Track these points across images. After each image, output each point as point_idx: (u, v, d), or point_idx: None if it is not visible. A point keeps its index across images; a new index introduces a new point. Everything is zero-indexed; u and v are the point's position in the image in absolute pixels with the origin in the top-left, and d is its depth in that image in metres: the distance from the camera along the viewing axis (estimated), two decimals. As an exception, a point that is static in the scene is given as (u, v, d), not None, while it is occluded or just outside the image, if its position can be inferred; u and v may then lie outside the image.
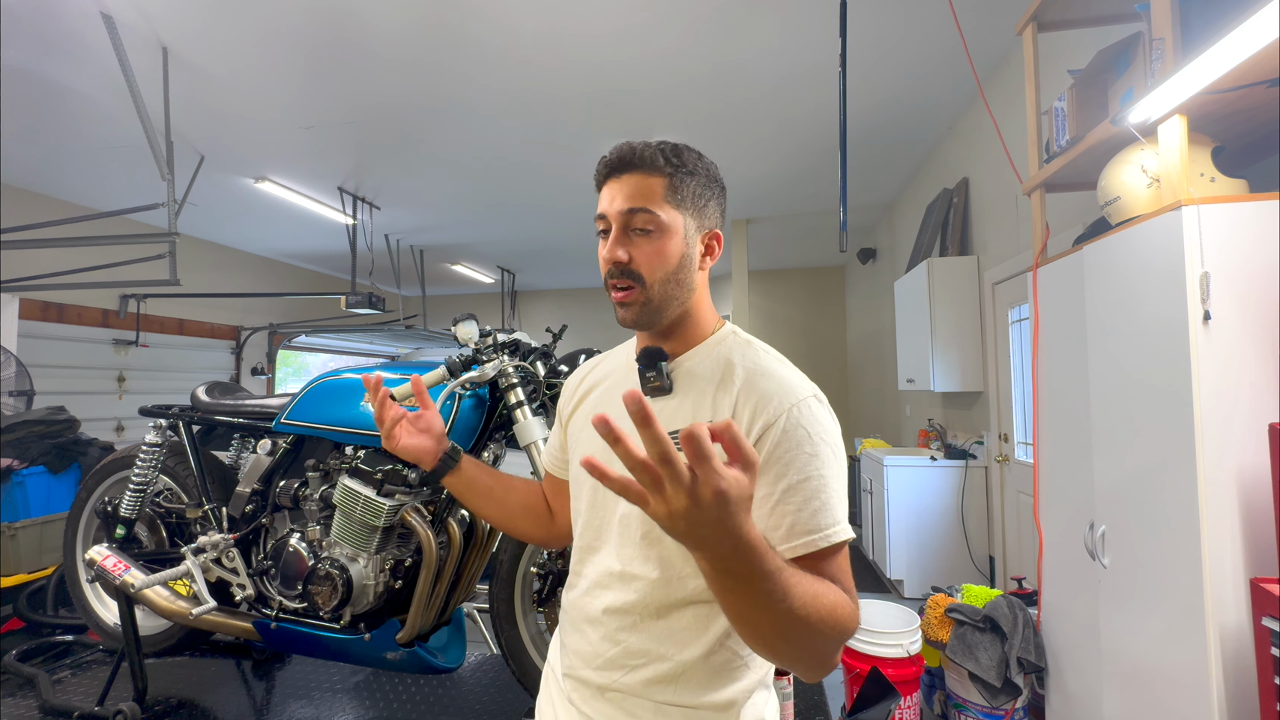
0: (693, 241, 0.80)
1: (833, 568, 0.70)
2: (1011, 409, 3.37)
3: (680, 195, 0.79)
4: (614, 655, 0.80)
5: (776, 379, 0.76)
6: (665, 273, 0.78)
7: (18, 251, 4.24)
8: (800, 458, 0.72)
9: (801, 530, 0.70)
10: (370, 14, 2.77)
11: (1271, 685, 1.27)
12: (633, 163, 0.79)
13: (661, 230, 0.78)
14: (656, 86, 3.47)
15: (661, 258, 0.78)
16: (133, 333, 5.54)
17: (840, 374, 8.20)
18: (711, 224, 0.83)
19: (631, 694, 0.79)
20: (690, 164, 0.80)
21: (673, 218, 0.78)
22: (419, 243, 6.71)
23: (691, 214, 0.80)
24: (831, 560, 0.71)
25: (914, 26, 2.94)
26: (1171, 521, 1.50)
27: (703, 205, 0.81)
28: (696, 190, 0.80)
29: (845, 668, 2.36)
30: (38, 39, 2.86)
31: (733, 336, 0.85)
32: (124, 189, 4.74)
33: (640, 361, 0.83)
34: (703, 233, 0.82)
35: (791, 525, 0.70)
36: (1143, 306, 1.60)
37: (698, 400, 0.78)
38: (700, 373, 0.81)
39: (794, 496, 0.71)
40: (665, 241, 0.78)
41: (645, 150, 0.79)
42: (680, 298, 0.80)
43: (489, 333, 1.69)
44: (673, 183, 0.78)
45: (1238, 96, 1.46)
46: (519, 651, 1.77)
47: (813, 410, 0.74)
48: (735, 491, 0.50)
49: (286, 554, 1.81)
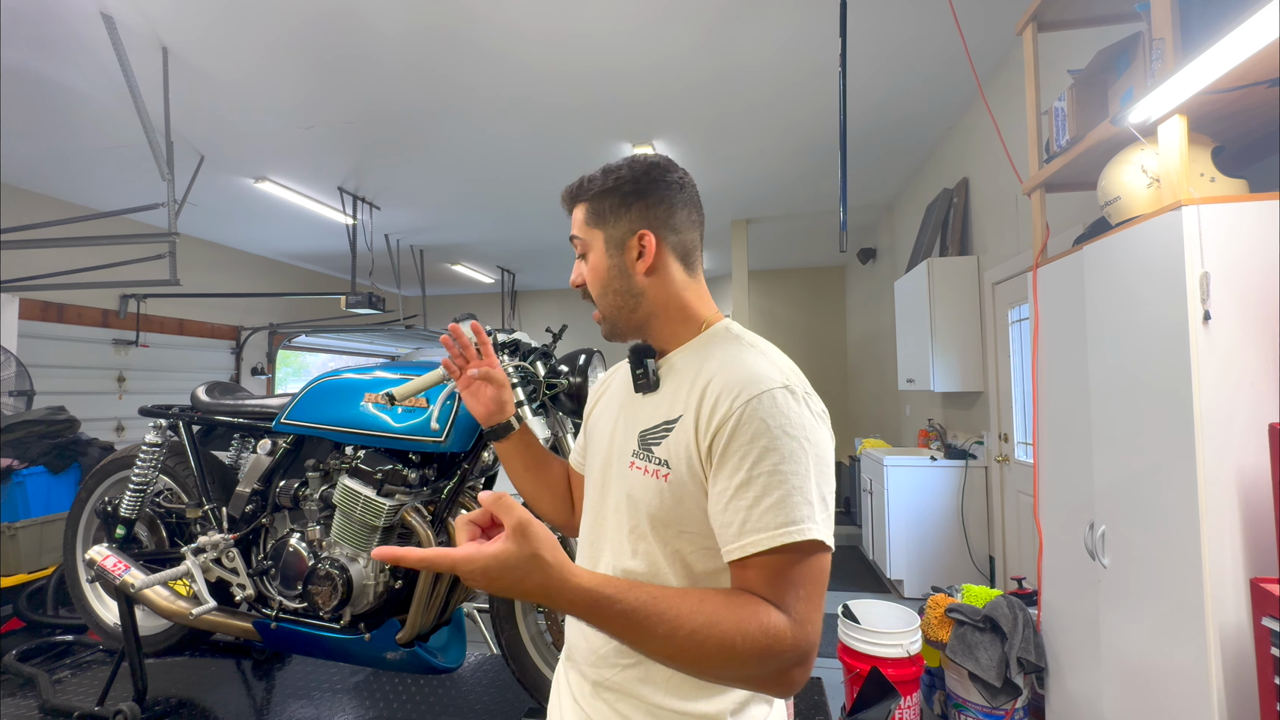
0: (614, 252, 0.84)
1: (787, 571, 0.66)
2: (1011, 409, 3.37)
3: (599, 214, 0.84)
4: (606, 652, 0.79)
5: (743, 371, 0.73)
6: (600, 287, 0.85)
7: (18, 251, 4.24)
8: (754, 451, 0.68)
9: (751, 528, 0.67)
10: (371, 15, 2.77)
11: (1271, 685, 1.27)
12: (567, 199, 0.88)
13: (588, 251, 0.86)
14: (656, 86, 3.47)
15: (594, 275, 0.86)
16: (133, 333, 5.54)
17: (840, 374, 8.20)
18: (635, 226, 0.83)
19: (624, 693, 0.78)
20: (604, 180, 0.84)
21: (592, 236, 0.85)
22: (419, 243, 6.71)
23: (610, 226, 0.84)
24: (786, 564, 0.66)
25: (914, 26, 2.94)
26: (1171, 521, 1.50)
27: (622, 213, 0.83)
28: (612, 204, 0.84)
29: (845, 668, 2.36)
30: (38, 39, 2.86)
31: (723, 332, 0.84)
32: (124, 189, 4.74)
33: (629, 359, 0.85)
34: (628, 238, 0.83)
35: (742, 523, 0.67)
36: (1143, 306, 1.60)
37: (672, 397, 0.79)
38: (681, 369, 0.81)
39: (746, 492, 0.68)
40: (592, 260, 0.85)
41: (575, 185, 0.87)
42: (627, 305, 0.84)
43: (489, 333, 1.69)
44: (591, 206, 0.85)
45: (1238, 96, 1.46)
46: (519, 651, 1.77)
47: (775, 401, 0.70)
48: (492, 565, 0.59)
49: (286, 554, 1.81)
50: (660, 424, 0.78)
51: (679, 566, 0.76)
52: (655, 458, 0.77)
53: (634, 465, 0.79)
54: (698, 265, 0.87)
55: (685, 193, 0.86)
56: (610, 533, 0.82)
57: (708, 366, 0.77)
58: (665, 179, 0.85)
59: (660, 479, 0.76)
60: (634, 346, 0.85)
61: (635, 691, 0.77)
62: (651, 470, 0.77)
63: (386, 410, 1.70)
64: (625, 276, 0.84)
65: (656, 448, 0.77)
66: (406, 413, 1.68)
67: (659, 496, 0.75)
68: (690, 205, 0.86)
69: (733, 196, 5.39)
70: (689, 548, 0.75)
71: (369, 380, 1.79)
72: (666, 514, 0.75)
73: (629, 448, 0.81)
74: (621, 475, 0.81)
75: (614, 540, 0.81)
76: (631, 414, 0.84)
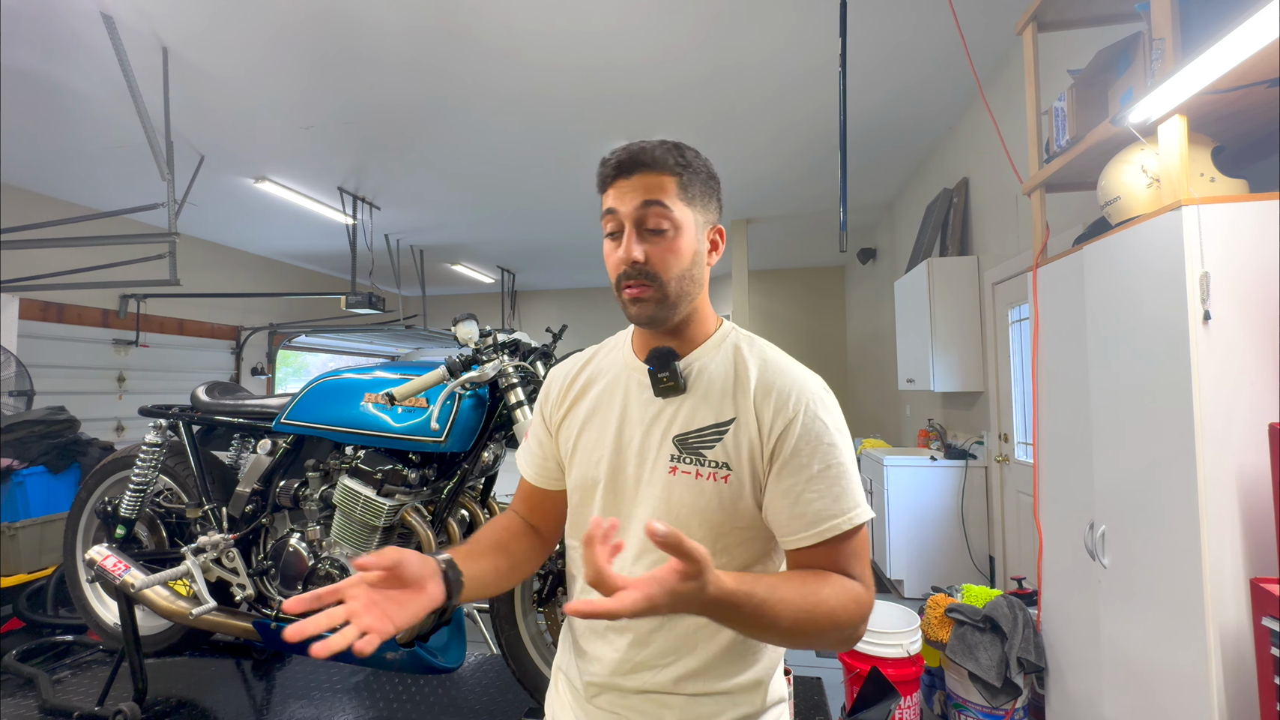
0: (701, 237, 0.82)
1: (851, 547, 0.76)
2: (1011, 409, 3.37)
3: (690, 193, 0.80)
4: (644, 658, 0.80)
5: (789, 376, 0.80)
6: (681, 270, 0.79)
7: (18, 251, 4.24)
8: (821, 449, 0.76)
9: (826, 516, 0.75)
10: (370, 14, 2.77)
11: (1271, 685, 1.27)
12: (643, 162, 0.79)
13: (676, 228, 0.78)
14: (656, 87, 3.47)
15: (676, 255, 0.78)
16: (133, 333, 5.54)
17: (840, 374, 8.20)
18: (714, 219, 0.85)
19: (662, 690, 0.80)
20: (693, 162, 0.81)
21: (684, 215, 0.79)
22: (419, 243, 6.71)
23: (699, 210, 0.82)
24: (850, 542, 0.76)
25: (914, 27, 2.94)
26: (1171, 521, 1.50)
27: (707, 201, 0.83)
28: (701, 187, 0.81)
29: (845, 668, 2.36)
30: (38, 39, 2.86)
31: (735, 334, 0.87)
32: (124, 189, 4.74)
33: (651, 363, 0.81)
34: (708, 228, 0.84)
35: (818, 513, 0.75)
36: (1143, 306, 1.60)
37: (718, 401, 0.80)
38: (712, 372, 0.82)
39: (817, 485, 0.75)
40: (679, 239, 0.78)
41: (656, 150, 0.79)
42: (692, 294, 0.82)
43: (489, 333, 1.69)
44: (682, 181, 0.79)
45: (1238, 96, 1.46)
46: (519, 651, 1.77)
47: (825, 404, 0.79)
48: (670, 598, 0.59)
49: (286, 554, 1.81)
50: (708, 427, 0.79)
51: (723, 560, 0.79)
52: (709, 460, 0.78)
53: (677, 470, 0.78)
54: None
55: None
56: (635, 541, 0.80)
57: (747, 369, 0.81)
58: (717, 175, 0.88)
59: (719, 481, 0.78)
60: (656, 350, 0.81)
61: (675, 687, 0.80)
62: (706, 473, 0.78)
63: (386, 410, 1.70)
64: (702, 265, 0.83)
65: (709, 451, 0.78)
66: (406, 413, 1.68)
67: (717, 498, 0.78)
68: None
69: (733, 196, 5.38)
70: (735, 541, 0.80)
71: (369, 380, 1.79)
72: (724, 513, 0.78)
73: (665, 452, 0.79)
74: (655, 480, 0.79)
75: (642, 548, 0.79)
76: (652, 418, 0.81)
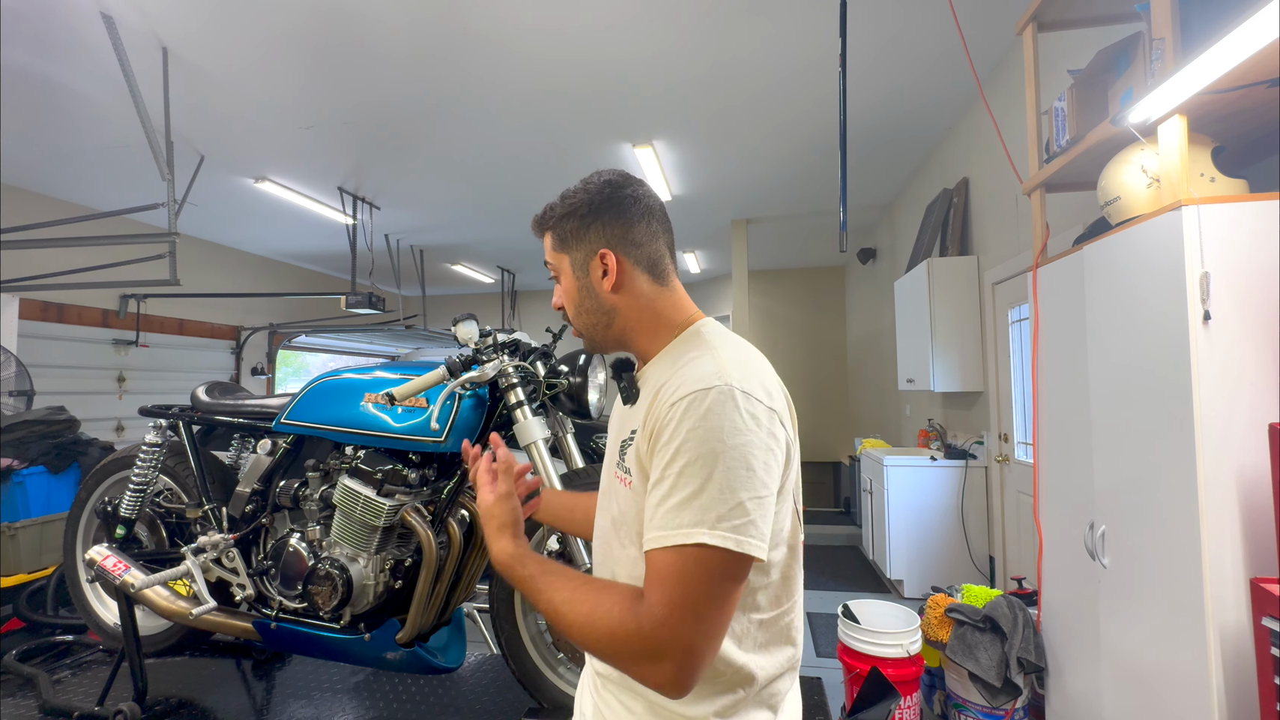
0: (581, 274, 0.87)
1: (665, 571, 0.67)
2: (1011, 409, 3.37)
3: (562, 239, 0.88)
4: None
5: (685, 374, 0.74)
6: (574, 308, 0.89)
7: (18, 251, 4.24)
8: (668, 453, 0.70)
9: (653, 526, 0.70)
10: (370, 14, 2.77)
11: (1271, 685, 1.27)
12: (536, 228, 0.92)
13: (560, 275, 0.89)
14: (656, 87, 3.47)
15: (567, 298, 0.89)
16: (133, 333, 5.54)
17: (840, 374, 8.20)
18: (596, 246, 0.85)
19: (625, 687, 0.80)
20: (565, 209, 0.87)
21: (560, 261, 0.89)
22: (419, 243, 6.71)
23: (574, 249, 0.87)
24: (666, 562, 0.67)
25: (914, 27, 2.94)
26: (1171, 521, 1.50)
27: (581, 236, 0.86)
28: (572, 228, 0.86)
29: (845, 668, 2.36)
30: (38, 39, 2.86)
31: (692, 336, 0.83)
32: (124, 189, 4.74)
33: (612, 373, 0.92)
34: (590, 259, 0.85)
35: (648, 520, 0.71)
36: (1143, 306, 1.60)
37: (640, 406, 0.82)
38: (651, 379, 0.83)
39: (656, 491, 0.71)
40: (565, 284, 0.89)
41: (538, 216, 0.91)
42: (600, 322, 0.87)
43: (489, 333, 1.69)
44: (555, 232, 0.88)
45: (1238, 96, 1.46)
46: (519, 651, 1.77)
47: (694, 403, 0.69)
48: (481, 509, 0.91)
49: (286, 554, 1.81)
50: (630, 433, 0.81)
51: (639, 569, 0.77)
52: (625, 466, 0.80)
53: (616, 475, 0.83)
54: (668, 273, 0.87)
55: (641, 205, 0.85)
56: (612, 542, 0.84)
57: (668, 374, 0.78)
58: (619, 195, 0.85)
59: (628, 486, 0.79)
60: (614, 361, 0.91)
61: (634, 685, 0.78)
62: (623, 479, 0.80)
63: (386, 410, 1.70)
64: (593, 296, 0.86)
65: (626, 456, 0.80)
66: (406, 413, 1.68)
67: (630, 503, 0.79)
68: (649, 217, 0.85)
69: (733, 196, 5.39)
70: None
71: (369, 380, 1.79)
72: (632, 520, 0.78)
73: (614, 459, 0.85)
74: (611, 486, 0.85)
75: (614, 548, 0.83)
76: (618, 426, 0.88)
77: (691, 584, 0.66)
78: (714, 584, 0.67)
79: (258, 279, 7.02)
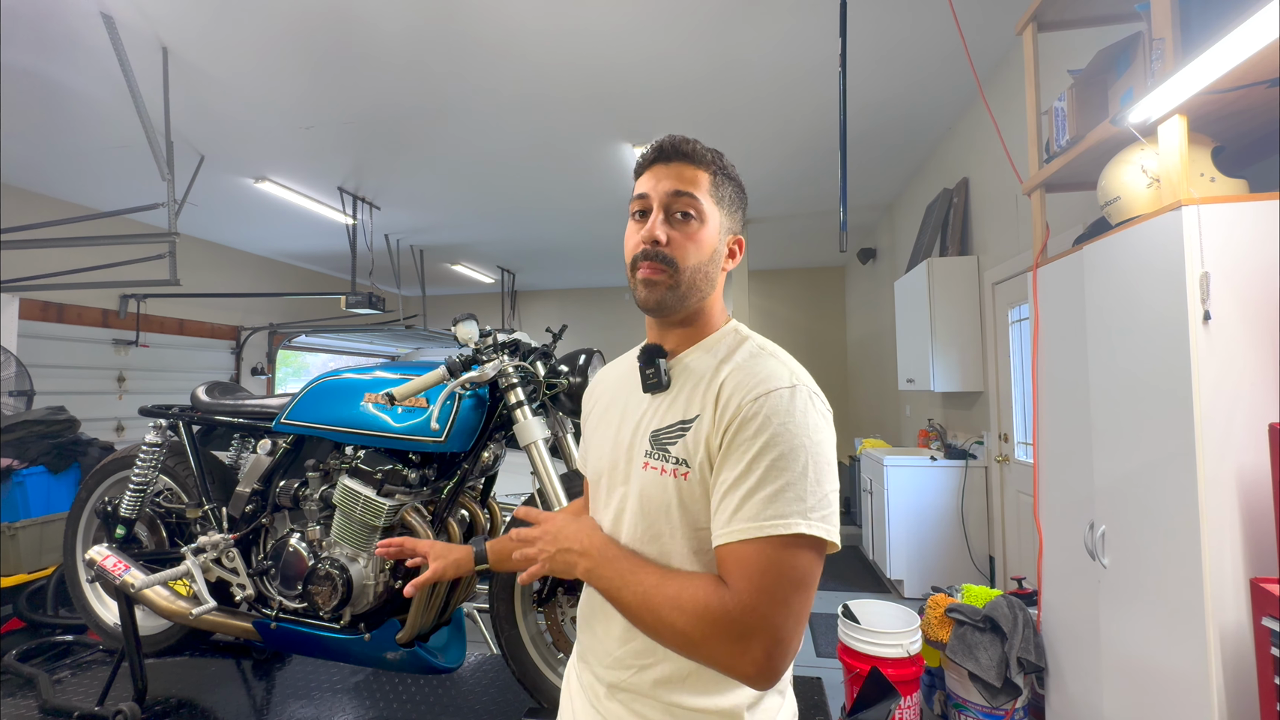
0: (723, 239, 0.84)
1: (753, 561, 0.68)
2: (1011, 409, 3.37)
3: (720, 193, 0.83)
4: (623, 654, 0.80)
5: (756, 370, 0.76)
6: (698, 260, 0.81)
7: (18, 251, 4.24)
8: (755, 446, 0.70)
9: (741, 518, 0.69)
10: (370, 15, 2.77)
11: (1271, 685, 1.27)
12: (684, 152, 0.82)
13: (702, 219, 0.81)
14: (657, 87, 3.47)
15: (697, 245, 0.81)
16: (133, 333, 5.54)
17: (840, 374, 8.20)
18: (737, 228, 0.87)
19: (640, 694, 0.79)
20: (729, 168, 0.85)
21: (712, 211, 0.82)
22: (419, 243, 6.71)
23: (726, 213, 0.85)
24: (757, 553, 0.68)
25: (914, 26, 2.94)
26: (1171, 521, 1.50)
27: (734, 208, 0.86)
28: (732, 193, 0.85)
29: (845, 668, 2.36)
30: (38, 39, 2.86)
31: (734, 334, 0.85)
32: (124, 189, 4.74)
33: (640, 359, 0.84)
34: (730, 234, 0.86)
35: (733, 511, 0.70)
36: (1143, 306, 1.60)
37: (688, 397, 0.80)
38: (695, 369, 0.82)
39: (743, 484, 0.70)
40: (703, 230, 0.81)
41: (697, 145, 0.83)
42: (702, 290, 0.83)
43: (489, 333, 1.69)
44: (716, 180, 0.83)
45: (1238, 96, 1.46)
46: (519, 651, 1.77)
47: (782, 400, 0.72)
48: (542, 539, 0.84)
49: (286, 554, 1.81)
50: (676, 424, 0.79)
51: (694, 561, 0.77)
52: (672, 457, 0.77)
53: (649, 465, 0.80)
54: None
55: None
56: (625, 531, 0.82)
57: (723, 367, 0.78)
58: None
59: (679, 478, 0.77)
60: (645, 347, 0.85)
61: (652, 692, 0.78)
62: (669, 469, 0.77)
63: (386, 410, 1.70)
64: (717, 264, 0.84)
65: (673, 447, 0.78)
66: (406, 413, 1.68)
67: (677, 495, 0.77)
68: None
69: (733, 196, 5.38)
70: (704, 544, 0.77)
71: (369, 380, 1.79)
72: (685, 511, 0.77)
73: (641, 448, 0.81)
74: (634, 475, 0.82)
75: (630, 538, 0.81)
76: (640, 414, 0.84)
77: (783, 572, 0.68)
78: (803, 570, 0.69)
79: (258, 279, 7.02)
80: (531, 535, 0.84)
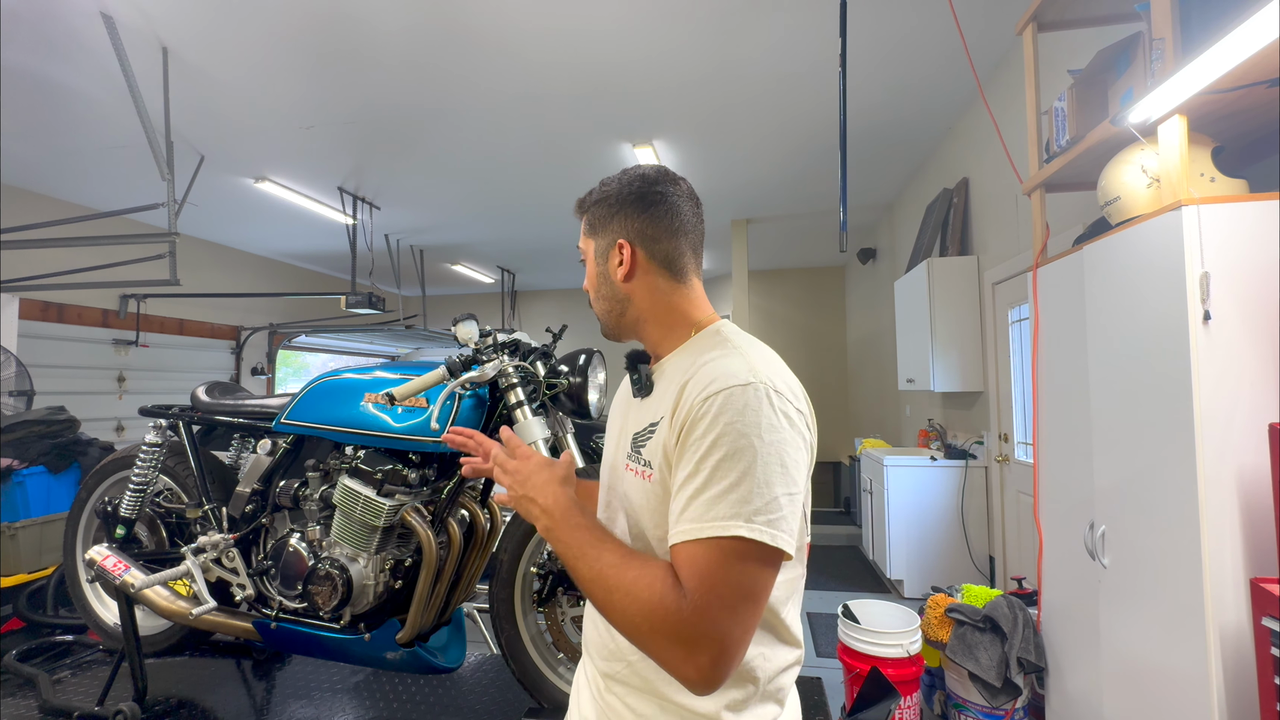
0: (601, 260, 0.89)
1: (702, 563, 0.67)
2: (1011, 409, 3.37)
3: (592, 223, 0.91)
4: (617, 646, 0.81)
5: (714, 369, 0.74)
6: (592, 292, 0.92)
7: (18, 251, 4.24)
8: (703, 446, 0.70)
9: (686, 518, 0.69)
10: (370, 15, 2.77)
11: (1271, 685, 1.27)
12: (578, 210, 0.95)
13: (587, 259, 0.92)
14: (657, 87, 3.47)
15: (591, 283, 0.92)
16: (133, 333, 5.54)
17: (840, 374, 8.20)
18: (615, 236, 0.87)
19: (633, 686, 0.80)
20: (598, 196, 0.90)
21: (588, 247, 0.92)
22: (419, 243, 6.71)
23: (600, 235, 0.90)
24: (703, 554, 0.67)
25: (914, 26, 2.94)
26: (1171, 521, 1.50)
27: (605, 224, 0.89)
28: (599, 216, 0.90)
29: (845, 668, 2.36)
30: (38, 39, 2.86)
31: (712, 335, 0.84)
32: (124, 189, 4.74)
33: (625, 366, 0.91)
34: (610, 248, 0.88)
35: (680, 512, 0.70)
36: (1143, 306, 1.60)
37: (659, 400, 0.82)
38: (669, 373, 0.83)
39: (689, 484, 0.70)
40: (590, 268, 0.92)
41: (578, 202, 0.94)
42: (614, 309, 0.89)
43: (489, 333, 1.69)
44: (587, 217, 0.92)
45: (1238, 96, 1.46)
46: (519, 651, 1.77)
47: (732, 398, 0.70)
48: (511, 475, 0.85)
49: (286, 554, 1.81)
50: (647, 426, 0.81)
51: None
52: (642, 459, 0.80)
53: (628, 467, 0.83)
54: (686, 271, 0.88)
55: (667, 203, 0.86)
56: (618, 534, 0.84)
57: (690, 369, 0.78)
58: (648, 190, 0.87)
59: (646, 479, 0.79)
60: (629, 353, 0.91)
61: (645, 685, 0.79)
62: (640, 471, 0.80)
63: (386, 410, 1.70)
64: (609, 283, 0.89)
65: (644, 449, 0.80)
66: (406, 413, 1.68)
67: (646, 496, 0.79)
68: (673, 215, 0.86)
69: (732, 196, 5.39)
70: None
71: (369, 380, 1.79)
72: (652, 513, 0.78)
73: (625, 451, 0.85)
74: (620, 478, 0.85)
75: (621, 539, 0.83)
76: (628, 418, 0.88)
77: (727, 577, 0.66)
78: (748, 577, 0.67)
79: (258, 279, 7.02)
80: (508, 467, 0.86)
